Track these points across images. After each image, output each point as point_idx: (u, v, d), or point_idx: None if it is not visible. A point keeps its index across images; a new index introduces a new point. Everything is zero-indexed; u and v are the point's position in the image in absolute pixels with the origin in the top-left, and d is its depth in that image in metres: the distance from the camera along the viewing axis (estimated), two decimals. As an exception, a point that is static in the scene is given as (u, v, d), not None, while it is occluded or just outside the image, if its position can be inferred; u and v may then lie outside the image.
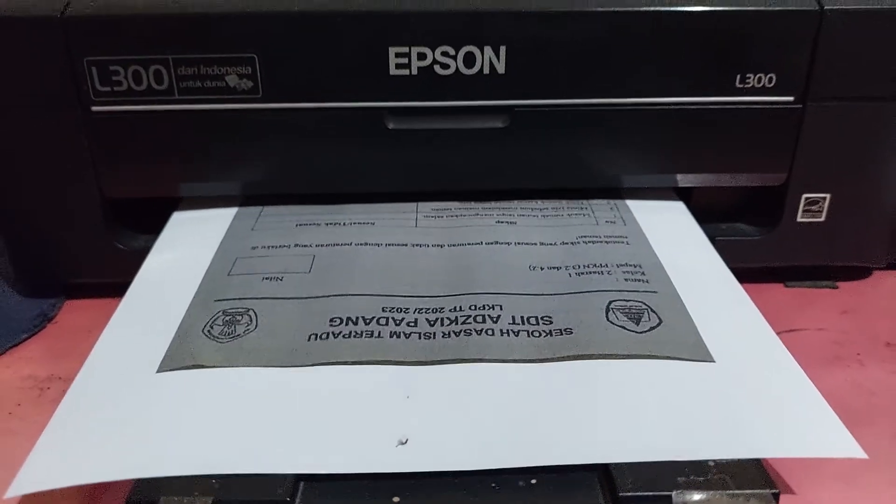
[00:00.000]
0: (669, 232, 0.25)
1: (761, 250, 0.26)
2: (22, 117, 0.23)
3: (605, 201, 0.26)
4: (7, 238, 0.25)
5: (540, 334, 0.20)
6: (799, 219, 0.26)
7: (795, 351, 0.19)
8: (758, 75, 0.24)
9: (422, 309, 0.21)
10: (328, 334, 0.20)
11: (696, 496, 0.15)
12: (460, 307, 0.21)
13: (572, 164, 0.25)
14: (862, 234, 0.26)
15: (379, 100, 0.23)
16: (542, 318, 0.20)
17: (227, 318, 0.20)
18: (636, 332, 0.20)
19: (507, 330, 0.20)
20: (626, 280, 0.22)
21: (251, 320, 0.20)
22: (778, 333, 0.20)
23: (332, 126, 0.24)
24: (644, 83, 0.24)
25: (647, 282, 0.22)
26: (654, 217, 0.25)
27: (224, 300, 0.21)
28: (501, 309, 0.21)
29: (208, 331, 0.20)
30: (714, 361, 0.19)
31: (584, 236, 0.24)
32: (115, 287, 0.22)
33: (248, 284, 0.22)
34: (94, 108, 0.23)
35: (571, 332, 0.20)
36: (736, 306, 0.21)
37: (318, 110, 0.23)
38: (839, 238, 0.26)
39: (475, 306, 0.21)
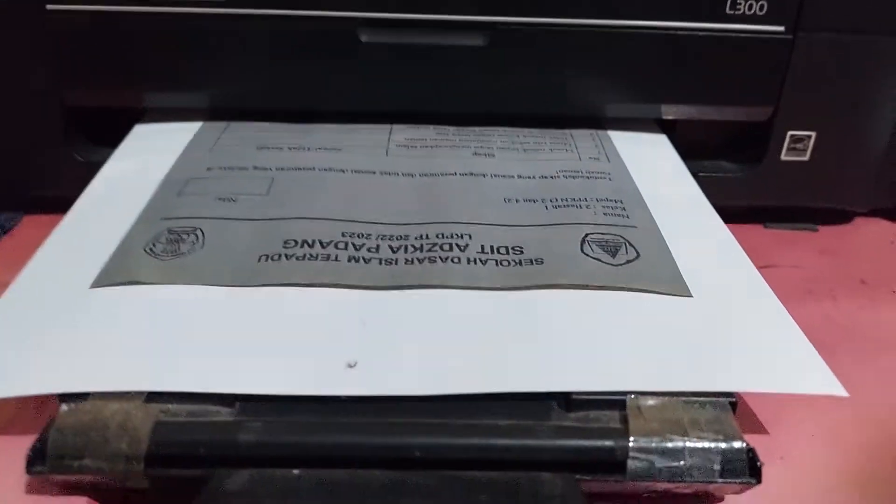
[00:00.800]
0: (654, 168, 0.24)
1: (743, 188, 0.26)
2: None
3: (588, 136, 0.25)
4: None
5: (509, 263, 0.19)
6: (783, 157, 0.25)
7: (772, 283, 0.19)
8: (748, 2, 0.23)
9: (385, 235, 0.20)
10: (280, 255, 0.19)
11: (651, 401, 0.14)
12: (426, 235, 0.20)
13: (553, 90, 0.24)
14: (846, 175, 0.26)
15: (352, 9, 0.22)
16: (512, 248, 0.19)
17: (172, 235, 0.19)
18: (611, 265, 0.19)
19: (475, 258, 0.19)
20: (605, 214, 0.21)
21: (197, 239, 0.19)
22: (753, 268, 0.20)
23: (302, 36, 0.23)
24: (632, 5, 0.23)
25: (626, 216, 0.21)
26: (639, 153, 0.24)
27: (171, 218, 0.20)
28: (471, 238, 0.20)
29: (150, 248, 0.19)
30: (691, 296, 0.18)
31: (566, 171, 0.23)
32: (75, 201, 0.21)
33: (198, 204, 0.20)
34: (50, 7, 0.22)
35: (542, 262, 0.19)
36: (718, 242, 0.21)
37: (287, 18, 0.22)
38: (822, 178, 0.26)
39: (443, 234, 0.20)
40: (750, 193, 0.26)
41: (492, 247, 0.19)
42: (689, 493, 0.14)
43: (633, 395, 0.14)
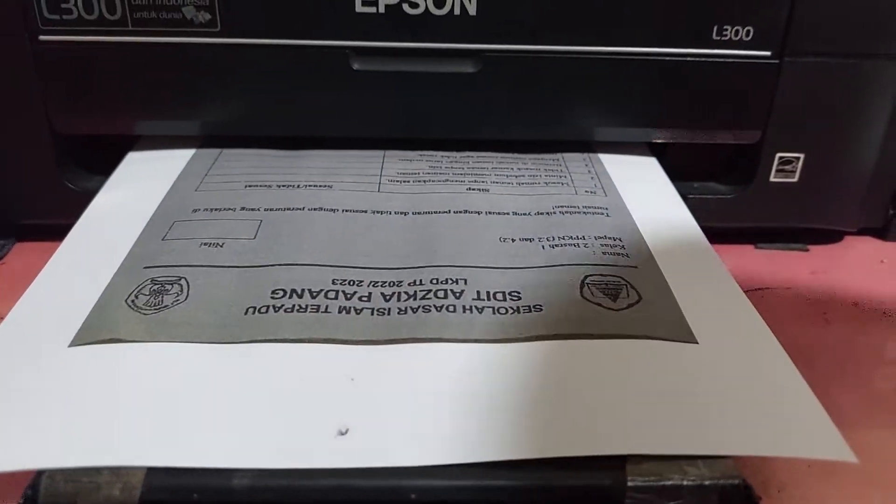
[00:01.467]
0: (651, 203, 0.23)
1: (733, 210, 0.26)
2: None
3: (583, 166, 0.25)
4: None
5: (506, 311, 0.18)
6: (772, 178, 0.26)
7: (762, 308, 0.19)
8: (735, 27, 0.23)
9: (377, 282, 0.19)
10: (268, 308, 0.18)
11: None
12: (420, 280, 0.19)
13: (544, 115, 0.24)
14: (835, 196, 0.26)
15: (343, 38, 0.22)
16: (509, 294, 0.18)
17: (156, 286, 0.18)
18: (613, 310, 0.18)
19: (471, 306, 0.18)
20: (604, 254, 0.20)
21: (181, 290, 0.18)
22: (746, 292, 0.19)
23: (294, 65, 0.23)
24: (620, 32, 0.23)
25: (626, 255, 0.20)
26: (635, 186, 0.24)
27: (154, 267, 0.19)
28: (466, 283, 0.19)
29: (132, 301, 0.18)
30: (696, 343, 0.17)
31: (562, 206, 0.22)
32: (67, 229, 0.21)
33: (183, 251, 0.20)
34: (42, 38, 0.22)
35: (541, 309, 0.18)
36: (721, 287, 0.20)
37: (280, 47, 0.22)
38: (812, 199, 0.26)
39: (437, 280, 0.19)
40: (740, 214, 0.26)
41: (488, 293, 0.19)
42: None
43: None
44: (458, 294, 0.18)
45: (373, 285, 0.19)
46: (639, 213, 0.22)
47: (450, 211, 0.22)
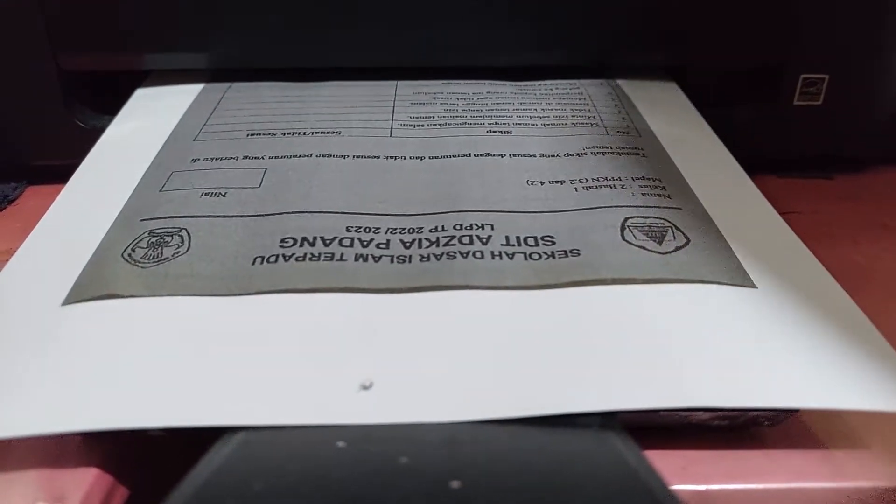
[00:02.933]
0: (688, 142, 0.22)
1: (756, 136, 0.25)
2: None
3: (612, 104, 0.23)
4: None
5: (540, 256, 0.16)
6: (796, 101, 0.25)
7: (792, 231, 0.18)
8: (758, -59, 0.22)
9: (395, 229, 0.17)
10: (277, 257, 0.16)
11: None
12: (443, 227, 0.17)
13: (565, 39, 0.24)
14: (860, 121, 0.25)
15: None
16: (542, 239, 0.17)
17: (154, 239, 0.17)
18: (659, 253, 0.16)
19: (500, 252, 0.17)
20: (643, 195, 0.18)
21: (182, 242, 0.17)
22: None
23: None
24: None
25: (668, 197, 0.18)
26: (669, 124, 0.22)
27: (152, 219, 0.18)
28: (493, 228, 0.17)
29: (128, 254, 0.16)
30: (756, 287, 0.16)
31: (593, 147, 0.21)
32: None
33: (182, 201, 0.18)
34: (45, -31, 0.22)
35: (578, 254, 0.16)
36: (773, 229, 0.18)
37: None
38: (836, 124, 0.25)
39: (461, 226, 0.17)
40: (763, 141, 0.25)
41: (518, 238, 0.17)
42: (725, 427, 0.14)
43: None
44: (484, 240, 0.17)
45: (391, 232, 0.17)
46: (676, 153, 0.21)
47: (470, 154, 0.21)
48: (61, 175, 0.23)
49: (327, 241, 0.17)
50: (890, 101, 0.25)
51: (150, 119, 0.22)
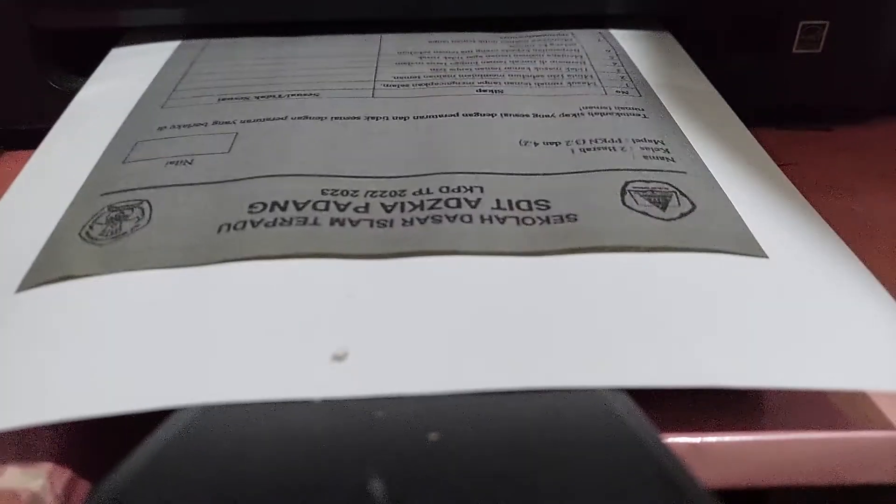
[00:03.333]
0: (691, 102, 0.20)
1: (755, 84, 0.25)
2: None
3: (611, 64, 0.22)
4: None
5: (534, 221, 0.15)
6: (795, 49, 0.24)
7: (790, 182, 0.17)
8: None
9: (375, 192, 0.16)
10: (245, 223, 0.15)
11: None
12: (427, 189, 0.16)
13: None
14: (860, 70, 0.25)
15: None
16: (536, 203, 0.16)
17: (113, 213, 0.16)
18: (662, 220, 0.15)
19: (490, 216, 0.15)
20: (644, 157, 0.17)
21: (143, 214, 0.16)
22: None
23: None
24: None
25: (672, 160, 0.17)
26: (671, 82, 0.21)
27: (112, 193, 0.16)
28: (482, 191, 0.16)
29: (86, 232, 0.15)
30: (767, 257, 0.15)
31: (590, 107, 0.19)
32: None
33: (145, 172, 0.17)
34: (11, -80, 0.21)
35: (576, 219, 0.15)
36: (781, 194, 0.17)
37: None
38: (836, 73, 0.25)
39: (447, 188, 0.16)
40: (762, 89, 0.25)
41: (510, 201, 0.16)
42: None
43: None
44: (473, 203, 0.16)
45: (370, 195, 0.16)
46: (679, 113, 0.20)
47: (458, 114, 0.19)
48: (38, 139, 0.22)
49: (300, 206, 0.16)
50: (891, 49, 0.25)
51: (119, 82, 0.21)
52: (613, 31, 0.24)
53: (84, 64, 0.23)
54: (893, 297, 0.14)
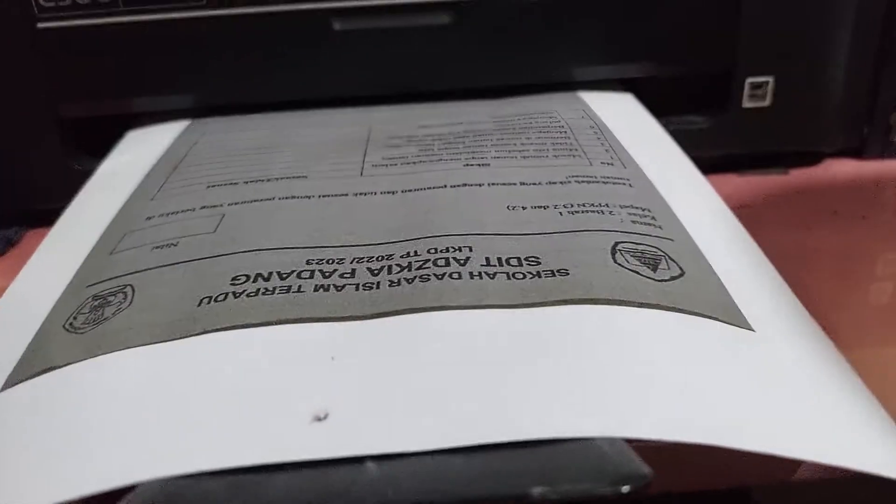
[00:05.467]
0: (671, 172, 0.21)
1: (711, 139, 0.27)
2: (-31, 40, 0.23)
3: (595, 139, 0.22)
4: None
5: (524, 276, 0.15)
6: (745, 104, 0.27)
7: (746, 222, 0.19)
8: (694, -41, 0.24)
9: (362, 258, 0.16)
10: (227, 295, 0.15)
11: None
12: (416, 251, 0.16)
13: (522, 59, 0.25)
14: (808, 117, 0.27)
15: (325, 1, 0.24)
16: (526, 259, 0.16)
17: (97, 302, 0.16)
18: (653, 280, 0.15)
19: (480, 272, 0.15)
20: (633, 222, 0.17)
21: (125, 298, 0.15)
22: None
23: (279, 30, 0.24)
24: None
25: (659, 227, 0.17)
26: (652, 157, 0.21)
27: (98, 283, 0.16)
28: (471, 251, 0.16)
29: (70, 324, 0.15)
30: (753, 331, 0.14)
31: (577, 176, 0.20)
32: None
33: (131, 259, 0.17)
34: (41, 25, 0.23)
35: (567, 273, 0.15)
36: (759, 269, 0.17)
37: (266, 15, 0.24)
38: (785, 122, 0.27)
39: (435, 249, 0.16)
40: (718, 143, 0.27)
41: (500, 258, 0.16)
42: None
43: None
44: (462, 261, 0.15)
45: (357, 262, 0.16)
46: (662, 185, 0.20)
47: (445, 185, 0.19)
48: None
49: (284, 276, 0.15)
50: (835, 95, 0.27)
51: (119, 173, 0.22)
52: (588, 100, 0.26)
53: (103, 145, 0.26)
54: (832, 315, 0.15)
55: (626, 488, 0.10)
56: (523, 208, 0.18)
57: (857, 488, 0.13)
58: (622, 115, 0.25)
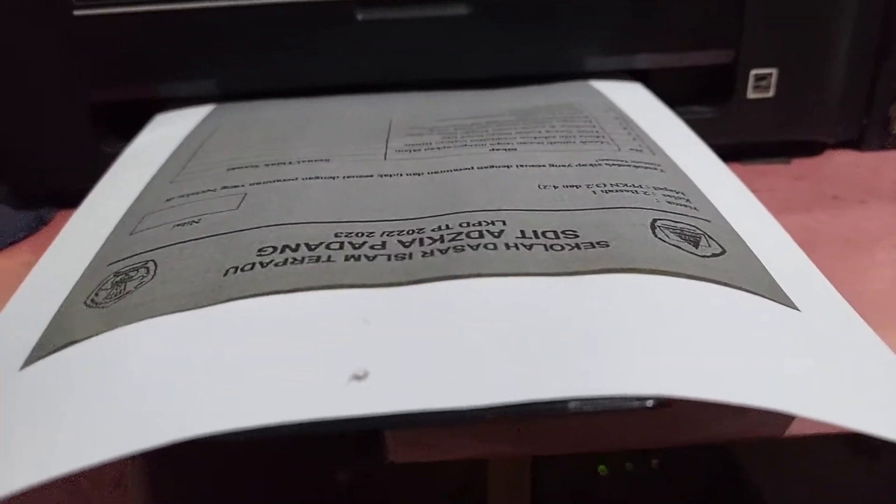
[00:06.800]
0: (699, 165, 0.21)
1: (716, 128, 0.28)
2: (7, 27, 0.24)
3: (620, 126, 0.22)
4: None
5: (562, 248, 0.15)
6: (749, 95, 0.28)
7: None
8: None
9: (392, 231, 0.16)
10: (254, 265, 0.15)
11: None
12: (447, 225, 0.16)
13: (535, 50, 0.26)
14: (809, 108, 0.28)
15: (347, -9, 0.25)
16: (563, 233, 0.15)
17: (119, 278, 0.15)
18: (696, 255, 0.15)
19: (515, 244, 0.15)
20: (668, 202, 0.17)
21: (148, 272, 0.15)
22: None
23: (305, 20, 0.25)
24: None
25: (695, 209, 0.17)
26: (681, 151, 0.21)
27: (119, 261, 0.16)
28: (505, 224, 0.15)
29: (91, 300, 0.15)
30: (799, 310, 0.14)
31: (607, 159, 0.19)
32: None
33: (152, 237, 0.17)
34: (77, 13, 0.24)
35: (607, 245, 0.15)
36: (798, 258, 0.17)
37: (292, 4, 0.25)
38: (788, 113, 0.28)
39: (468, 223, 0.16)
40: (722, 133, 0.28)
41: (535, 231, 0.15)
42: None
43: None
44: (496, 234, 0.15)
45: (387, 235, 0.16)
46: (691, 172, 0.20)
47: (472, 167, 0.19)
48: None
49: (312, 247, 0.15)
50: (836, 87, 0.28)
51: (141, 156, 0.23)
52: (605, 91, 0.27)
53: (132, 129, 0.27)
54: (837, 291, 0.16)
55: (650, 402, 0.11)
56: (555, 187, 0.17)
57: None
58: (641, 106, 0.25)
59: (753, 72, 0.27)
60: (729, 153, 0.29)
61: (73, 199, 0.27)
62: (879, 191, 0.26)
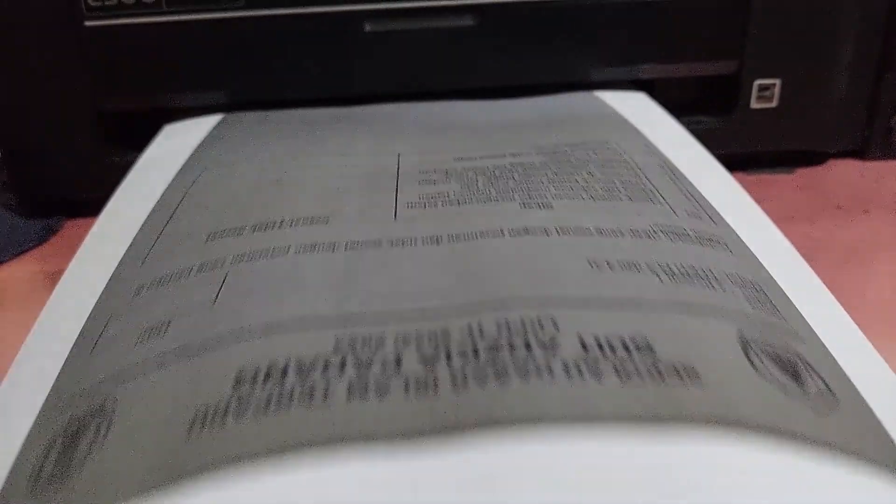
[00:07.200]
0: (759, 236, 0.17)
1: (720, 138, 0.28)
2: (18, 37, 0.25)
3: (667, 179, 0.19)
4: (6, 157, 0.27)
5: (639, 373, 0.11)
6: (753, 105, 0.28)
7: None
8: (705, -34, 0.26)
9: (409, 336, 0.12)
10: (226, 410, 0.11)
11: None
12: (480, 327, 0.12)
13: (543, 60, 0.27)
14: (813, 118, 0.28)
15: (357, 3, 0.25)
16: (632, 341, 0.12)
17: (67, 436, 0.12)
18: (802, 398, 0.11)
19: (577, 364, 0.11)
20: (749, 304, 0.13)
21: (99, 428, 0.12)
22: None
23: (314, 31, 0.25)
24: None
25: (783, 318, 0.13)
26: (733, 212, 0.18)
27: (75, 397, 0.13)
28: (557, 327, 0.12)
29: (34, 479, 0.11)
30: None
31: (662, 227, 0.16)
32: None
33: (114, 357, 0.13)
34: (87, 24, 0.25)
35: (697, 376, 0.11)
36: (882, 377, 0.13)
37: (300, 16, 0.25)
38: (792, 122, 0.28)
39: (507, 323, 0.12)
40: (727, 142, 0.28)
41: (598, 340, 0.12)
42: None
43: None
44: (548, 345, 0.12)
45: (402, 342, 0.12)
46: (756, 247, 0.16)
47: (503, 232, 0.15)
48: (96, 208, 0.25)
49: (304, 370, 0.12)
50: (839, 97, 0.28)
51: (120, 220, 0.19)
52: (604, 97, 0.27)
53: (140, 139, 0.27)
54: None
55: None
56: (609, 265, 0.14)
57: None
58: (678, 145, 0.22)
59: (757, 82, 0.27)
60: (733, 163, 0.30)
61: (81, 208, 0.28)
62: (883, 200, 0.26)
